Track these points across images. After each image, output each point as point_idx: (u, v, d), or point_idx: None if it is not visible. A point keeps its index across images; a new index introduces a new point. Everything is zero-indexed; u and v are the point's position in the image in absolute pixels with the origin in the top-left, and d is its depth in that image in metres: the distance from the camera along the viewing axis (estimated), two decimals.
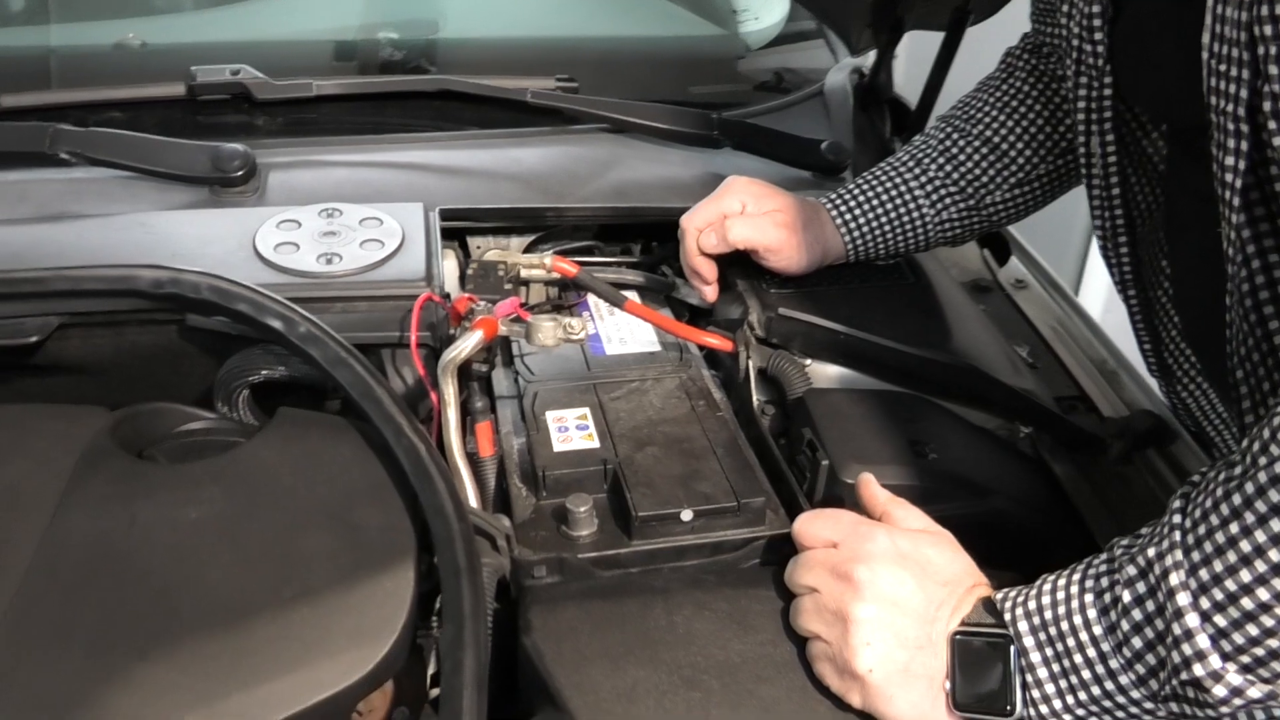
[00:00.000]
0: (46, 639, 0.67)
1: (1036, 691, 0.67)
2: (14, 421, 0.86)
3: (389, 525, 0.76)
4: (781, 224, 1.06)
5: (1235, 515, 0.60)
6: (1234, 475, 0.62)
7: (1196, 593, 0.61)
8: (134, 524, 0.75)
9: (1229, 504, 0.61)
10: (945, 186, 1.10)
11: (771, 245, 1.05)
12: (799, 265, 1.07)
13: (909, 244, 1.11)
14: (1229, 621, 0.60)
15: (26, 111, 1.24)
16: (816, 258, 1.08)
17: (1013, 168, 1.09)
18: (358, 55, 1.58)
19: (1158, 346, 0.97)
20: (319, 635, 0.69)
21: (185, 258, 0.98)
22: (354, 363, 0.83)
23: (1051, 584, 0.69)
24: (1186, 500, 0.65)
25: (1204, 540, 0.61)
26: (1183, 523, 0.64)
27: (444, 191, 1.20)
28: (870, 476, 0.81)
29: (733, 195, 1.08)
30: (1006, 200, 1.11)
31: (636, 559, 0.82)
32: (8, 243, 1.04)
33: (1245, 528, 0.59)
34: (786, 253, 1.06)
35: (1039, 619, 0.68)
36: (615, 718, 0.69)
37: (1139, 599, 0.64)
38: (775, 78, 1.64)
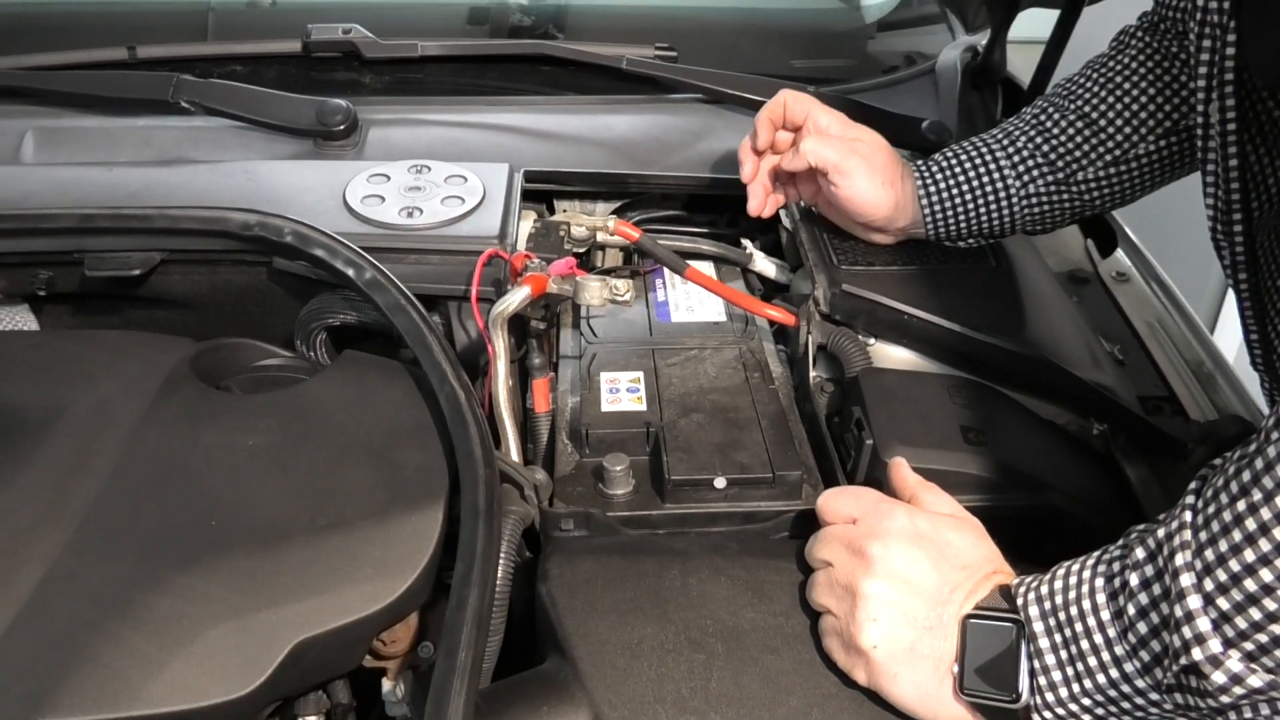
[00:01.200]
0: (109, 543, 0.74)
1: (1043, 679, 0.65)
2: (112, 345, 0.93)
3: (426, 466, 0.79)
4: (860, 153, 1.02)
5: (1243, 492, 0.57)
6: (1248, 453, 0.59)
7: (1201, 574, 0.58)
8: (197, 446, 0.81)
9: (1238, 480, 0.58)
10: (1033, 157, 1.04)
11: (843, 168, 1.01)
12: (869, 203, 1.02)
13: (993, 219, 1.05)
14: (1231, 605, 0.57)
15: (159, 62, 1.33)
16: (888, 206, 1.03)
17: (1109, 144, 1.02)
18: (489, 20, 1.62)
19: (1266, 339, 0.89)
20: (346, 563, 0.73)
21: (280, 204, 1.04)
22: (411, 310, 0.87)
23: (1066, 569, 0.67)
24: (1203, 482, 0.62)
25: (1211, 519, 0.59)
26: (1195, 502, 0.61)
27: (533, 154, 1.23)
28: (902, 461, 0.80)
29: (827, 111, 1.05)
30: (1100, 179, 1.03)
31: (666, 521, 0.83)
32: (128, 182, 1.11)
33: (1251, 505, 0.56)
34: (858, 183, 1.01)
35: (1049, 604, 0.66)
36: (617, 670, 0.71)
37: (1146, 582, 0.62)
38: (887, 55, 1.60)
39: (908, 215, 1.05)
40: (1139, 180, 1.05)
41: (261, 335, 1.02)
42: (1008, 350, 0.96)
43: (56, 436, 0.81)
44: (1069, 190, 1.04)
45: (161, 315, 1.09)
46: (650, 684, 0.70)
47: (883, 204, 1.03)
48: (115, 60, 1.32)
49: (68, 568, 0.71)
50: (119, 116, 1.26)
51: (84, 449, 0.80)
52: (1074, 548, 0.88)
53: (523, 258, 0.94)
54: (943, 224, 1.06)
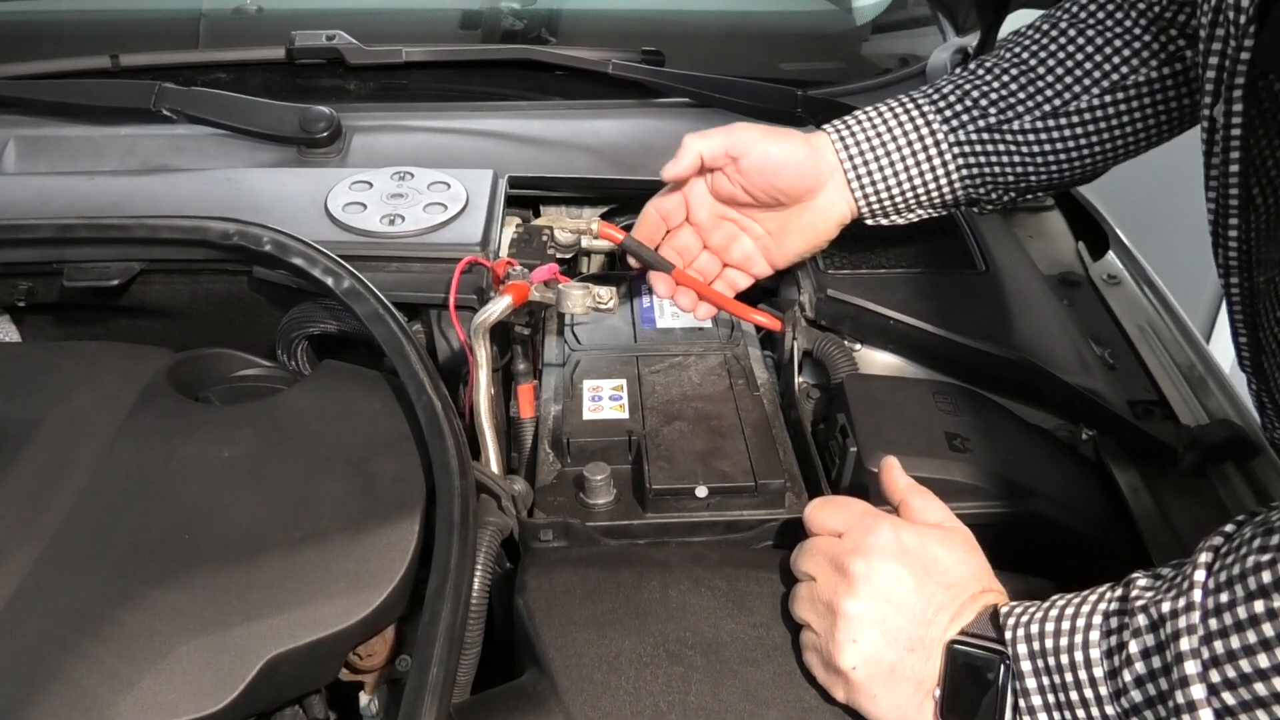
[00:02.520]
0: (81, 558, 0.73)
1: (1028, 718, 0.64)
2: (89, 356, 0.93)
3: (402, 477, 0.79)
4: (751, 129, 0.94)
5: (1263, 593, 0.55)
6: (1270, 545, 0.56)
7: (1208, 664, 0.57)
8: (171, 459, 0.80)
9: (1258, 579, 0.56)
10: (961, 102, 0.95)
11: (736, 142, 0.92)
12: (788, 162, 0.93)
13: (925, 179, 0.95)
14: (1238, 701, 0.56)
15: (142, 70, 1.32)
16: (811, 167, 0.94)
17: (1047, 92, 0.93)
18: (480, 25, 1.62)
19: (1255, 342, 0.86)
20: (321, 577, 0.72)
21: (261, 212, 1.03)
22: (389, 320, 0.86)
23: (1059, 610, 0.65)
24: (1215, 555, 0.60)
25: (1224, 610, 0.57)
26: (1206, 582, 0.59)
27: (519, 159, 1.22)
28: (894, 460, 0.79)
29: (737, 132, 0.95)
30: (1036, 131, 0.94)
31: (647, 531, 0.82)
32: (110, 191, 1.11)
33: (1271, 610, 0.54)
34: (760, 149, 0.92)
35: (1039, 645, 0.64)
36: (594, 683, 0.70)
37: (1145, 652, 0.60)
38: (878, 57, 1.59)
39: (825, 167, 0.95)
40: (1082, 143, 0.95)
41: (244, 344, 1.01)
42: (994, 355, 0.95)
43: (30, 449, 0.80)
44: (1003, 142, 0.95)
45: (144, 325, 1.08)
46: (628, 698, 0.69)
47: (801, 159, 0.94)
48: (98, 69, 1.32)
49: (38, 583, 0.71)
50: (102, 125, 1.25)
51: (57, 462, 0.79)
52: (1061, 554, 0.88)
53: (505, 264, 0.94)
54: (869, 185, 0.96)
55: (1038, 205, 1.33)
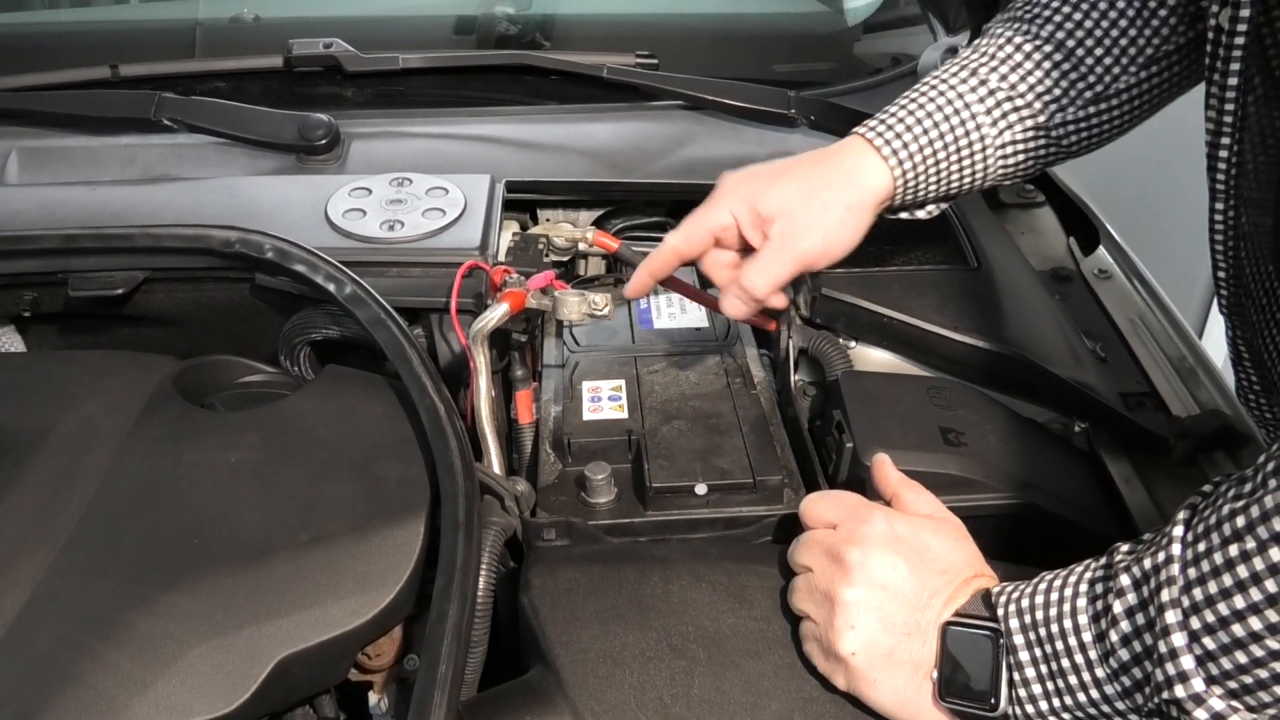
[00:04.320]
0: (93, 564, 0.74)
1: (1023, 690, 0.66)
2: (95, 365, 0.94)
3: (407, 480, 0.80)
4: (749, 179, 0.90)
5: (1237, 537, 0.57)
6: (1243, 493, 0.58)
7: (1188, 611, 0.58)
8: (179, 465, 0.81)
9: (1232, 524, 0.57)
10: (1010, 101, 0.91)
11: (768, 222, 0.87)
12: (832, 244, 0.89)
13: (965, 175, 0.93)
14: (1217, 645, 0.57)
15: (142, 80, 1.34)
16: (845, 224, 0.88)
17: (1090, 78, 0.90)
18: (474, 31, 1.63)
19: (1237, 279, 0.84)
20: (328, 579, 0.73)
21: (262, 220, 1.04)
22: (391, 324, 0.87)
23: (1048, 584, 0.67)
24: (1193, 511, 0.62)
25: (1202, 558, 0.58)
26: (1184, 535, 0.60)
27: (515, 164, 1.23)
28: (885, 457, 0.80)
29: (722, 204, 0.91)
30: (1080, 120, 0.91)
31: (648, 529, 0.84)
32: (112, 201, 1.12)
33: (1245, 552, 0.56)
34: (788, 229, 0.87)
35: (1030, 618, 0.66)
36: (599, 678, 0.71)
37: (1129, 610, 0.61)
38: (870, 57, 1.60)
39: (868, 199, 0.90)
40: (1116, 121, 0.94)
41: (247, 350, 1.02)
42: (987, 350, 0.96)
43: (40, 458, 0.81)
44: (1047, 135, 0.93)
45: (147, 333, 1.10)
46: (632, 691, 0.71)
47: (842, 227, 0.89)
48: (98, 79, 1.33)
49: (52, 589, 0.72)
50: (102, 135, 1.26)
51: (67, 470, 0.80)
52: (1056, 545, 0.89)
53: (502, 272, 0.95)
54: (914, 183, 0.92)
55: (1029, 201, 1.35)
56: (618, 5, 1.72)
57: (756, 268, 0.88)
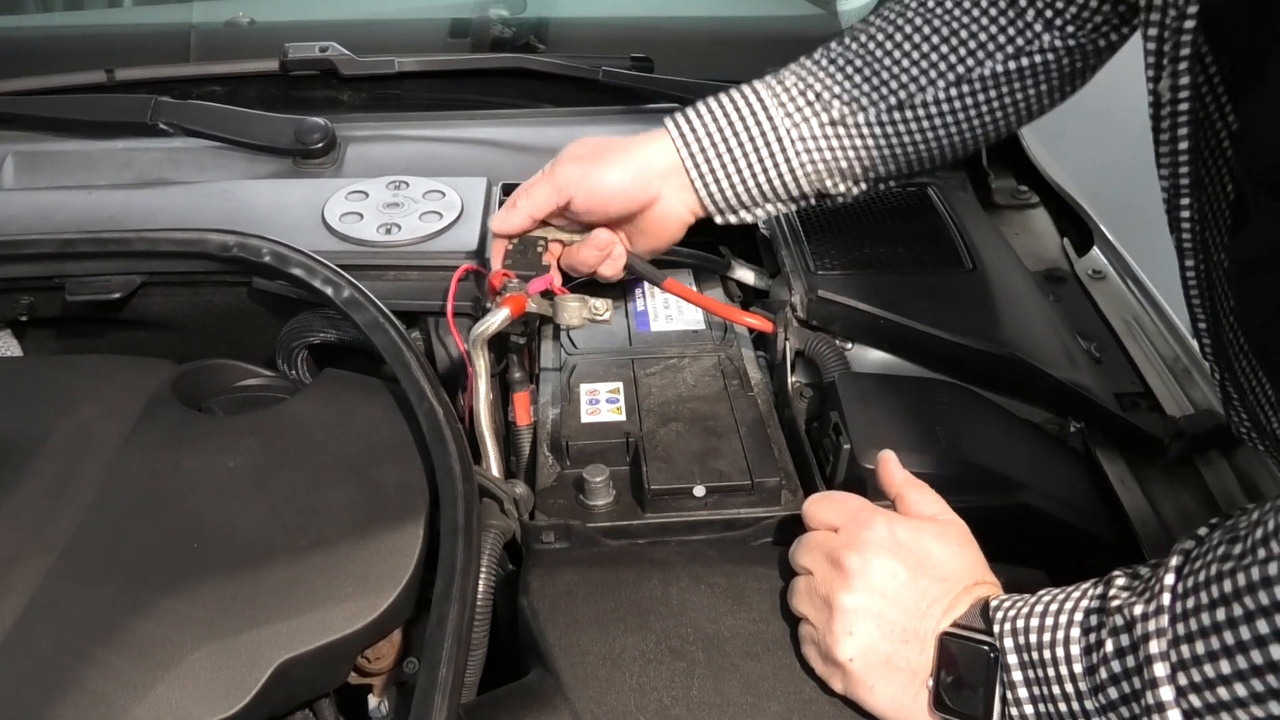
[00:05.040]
0: (92, 569, 0.74)
1: (1015, 710, 0.66)
2: (92, 370, 0.94)
3: (406, 483, 0.80)
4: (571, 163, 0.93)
5: (1225, 601, 0.57)
6: (1233, 554, 0.58)
7: (1176, 666, 0.59)
8: (178, 469, 0.82)
9: (1220, 587, 0.57)
10: (804, 96, 0.93)
11: (558, 184, 0.93)
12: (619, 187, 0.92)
13: (769, 175, 0.94)
14: (1204, 704, 0.58)
15: (138, 84, 1.34)
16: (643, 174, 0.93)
17: (892, 84, 0.92)
18: (469, 33, 1.63)
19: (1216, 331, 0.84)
20: (328, 583, 0.73)
21: (259, 224, 1.05)
22: (389, 328, 0.88)
23: (1045, 605, 0.67)
24: (1185, 559, 0.62)
25: (1190, 616, 0.59)
26: (1175, 586, 0.61)
27: (512, 167, 1.23)
28: (891, 455, 0.80)
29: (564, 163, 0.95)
30: (884, 124, 0.92)
31: (647, 531, 0.84)
32: (108, 205, 1.12)
33: (1232, 619, 0.56)
34: (584, 195, 0.92)
35: (1024, 639, 0.66)
36: (599, 681, 0.71)
37: (1120, 651, 0.62)
38: None
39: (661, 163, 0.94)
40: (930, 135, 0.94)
41: (244, 355, 1.02)
42: (983, 351, 0.96)
43: (38, 463, 0.81)
44: (847, 136, 0.94)
45: (145, 337, 1.10)
46: (632, 693, 0.71)
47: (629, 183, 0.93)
48: (94, 83, 1.33)
49: (51, 594, 0.72)
50: (98, 139, 1.26)
51: (65, 475, 0.81)
52: (1052, 545, 0.90)
53: (501, 276, 0.95)
54: (710, 179, 0.95)
55: (1023, 203, 1.36)
56: (612, 8, 1.73)
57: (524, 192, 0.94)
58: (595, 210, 0.94)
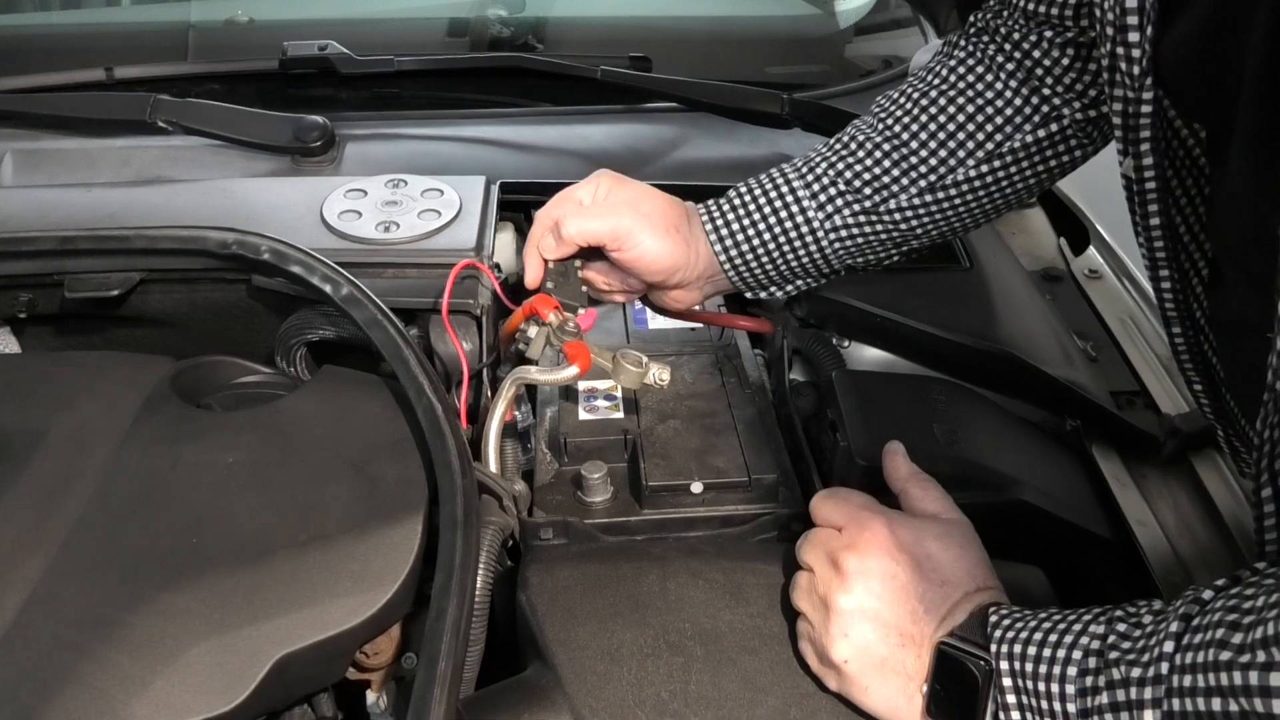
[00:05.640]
0: (91, 564, 0.74)
1: None
2: (91, 366, 0.94)
3: (405, 479, 0.80)
4: (628, 212, 0.92)
5: (1221, 694, 0.56)
6: (1232, 643, 0.57)
7: None
8: (177, 465, 0.82)
9: (1217, 678, 0.57)
10: (834, 185, 0.94)
11: (618, 233, 0.91)
12: (661, 264, 0.93)
13: (799, 258, 0.96)
14: None
15: (137, 82, 1.34)
16: (676, 255, 0.93)
17: (922, 168, 0.92)
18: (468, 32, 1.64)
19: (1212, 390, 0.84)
20: (327, 578, 0.73)
21: (258, 221, 1.04)
22: (388, 325, 0.88)
23: (1044, 633, 0.66)
24: (1186, 626, 0.61)
25: (1185, 696, 0.58)
26: (1174, 656, 0.60)
27: (510, 165, 1.24)
28: (899, 447, 0.80)
29: (588, 184, 0.95)
30: (914, 207, 0.93)
31: (645, 527, 0.85)
32: (107, 203, 1.12)
33: (1228, 713, 0.56)
34: (639, 245, 0.91)
35: (1020, 665, 0.65)
36: (597, 675, 0.72)
37: (1115, 706, 0.61)
38: (862, 59, 1.62)
39: (703, 261, 0.96)
40: (962, 209, 0.95)
41: (242, 351, 1.02)
42: (979, 350, 0.97)
43: (37, 459, 0.81)
44: (881, 221, 0.94)
45: (143, 334, 1.10)
46: (630, 688, 0.71)
47: (668, 254, 0.93)
48: (93, 81, 1.33)
49: (50, 589, 0.72)
50: (97, 137, 1.27)
51: (64, 471, 0.81)
52: (1048, 542, 0.90)
53: (551, 305, 0.91)
54: (743, 267, 0.96)
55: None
56: (610, 7, 1.73)
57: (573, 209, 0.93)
58: (634, 268, 0.94)
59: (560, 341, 0.90)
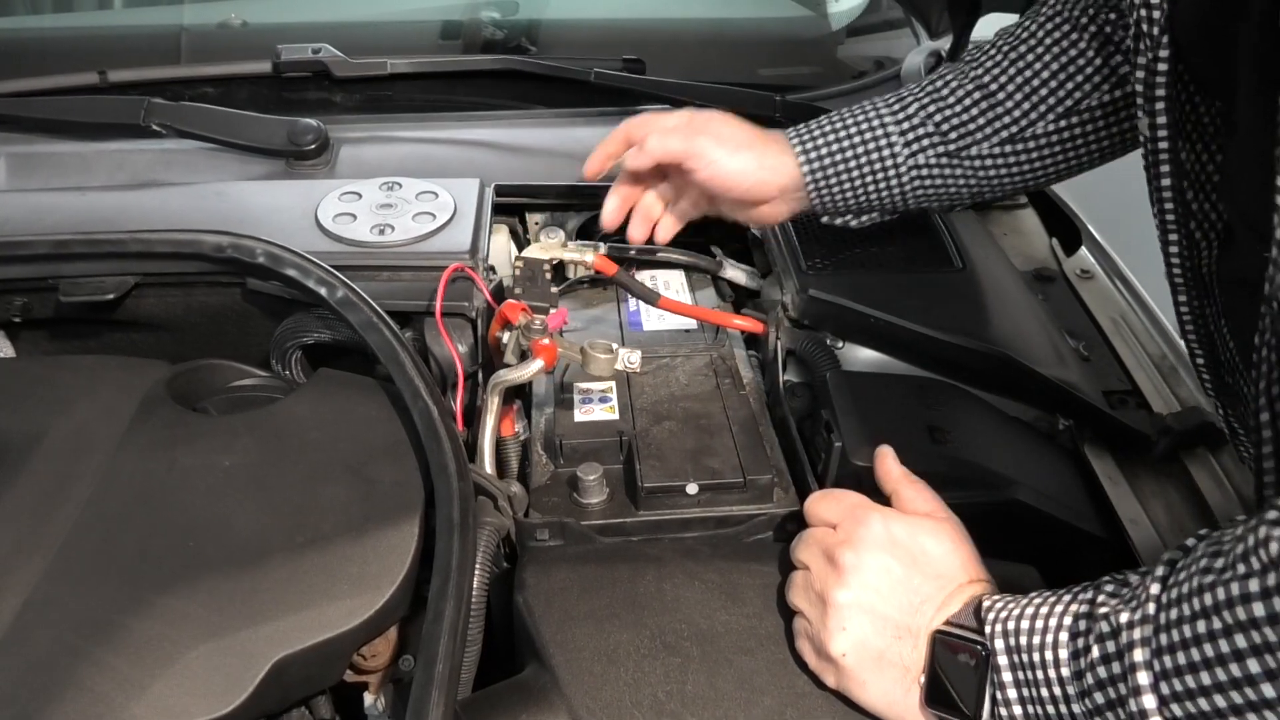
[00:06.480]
0: (88, 568, 0.74)
1: (1004, 710, 0.67)
2: (87, 370, 0.94)
3: (401, 482, 0.80)
4: (705, 131, 0.97)
5: (1205, 615, 0.58)
6: (1214, 568, 0.59)
7: (1158, 676, 0.59)
8: (173, 468, 0.82)
9: (1201, 600, 0.58)
10: (924, 125, 0.98)
11: (693, 150, 0.96)
12: (734, 173, 0.97)
13: (879, 190, 1.00)
14: (1185, 715, 0.58)
15: (130, 86, 1.34)
16: (752, 171, 0.97)
17: (1006, 119, 0.97)
18: (461, 35, 1.64)
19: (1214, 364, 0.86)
20: (324, 581, 0.74)
21: (252, 225, 1.05)
22: (383, 327, 0.88)
23: (1035, 608, 0.67)
24: (1171, 570, 0.62)
25: (1173, 627, 0.59)
26: (1160, 596, 0.61)
27: (504, 168, 1.24)
28: (889, 451, 0.81)
29: (670, 115, 1.01)
30: (994, 156, 0.98)
31: (640, 528, 0.85)
32: (102, 207, 1.12)
33: (1212, 632, 0.57)
34: (716, 158, 0.96)
35: (1015, 641, 0.66)
36: (594, 676, 0.72)
37: (1106, 657, 0.62)
38: (854, 61, 1.62)
39: (790, 188, 1.00)
40: (1038, 164, 0.99)
41: (238, 355, 1.03)
42: (972, 350, 0.97)
43: (33, 463, 0.81)
44: (961, 165, 0.99)
45: (138, 338, 1.10)
46: (627, 688, 0.72)
47: (747, 171, 0.98)
48: (86, 85, 1.33)
49: (48, 593, 0.72)
50: (91, 141, 1.26)
51: (61, 475, 0.81)
52: (1041, 541, 0.91)
53: (519, 310, 0.93)
54: (825, 188, 1.00)
55: (1011, 204, 1.37)
56: (604, 9, 1.73)
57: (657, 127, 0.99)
58: (715, 188, 0.99)
59: (528, 340, 0.92)
